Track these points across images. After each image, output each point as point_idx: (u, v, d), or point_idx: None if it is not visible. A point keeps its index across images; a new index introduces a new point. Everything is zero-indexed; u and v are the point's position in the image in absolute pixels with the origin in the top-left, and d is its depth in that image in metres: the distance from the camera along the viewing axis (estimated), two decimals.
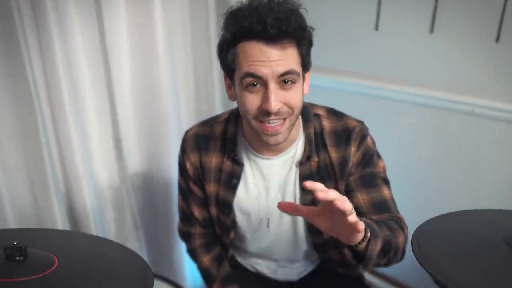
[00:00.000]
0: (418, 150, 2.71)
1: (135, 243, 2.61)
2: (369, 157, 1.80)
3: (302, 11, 1.55)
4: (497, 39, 2.25)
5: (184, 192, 1.99)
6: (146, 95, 2.47)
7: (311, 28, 1.57)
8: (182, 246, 2.83)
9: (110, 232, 2.52)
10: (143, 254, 2.67)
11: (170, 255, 2.85)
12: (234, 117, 1.85)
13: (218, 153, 1.86)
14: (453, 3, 2.37)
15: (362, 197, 1.79)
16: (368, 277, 3.00)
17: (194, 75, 2.70)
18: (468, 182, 2.55)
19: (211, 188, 1.90)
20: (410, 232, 1.49)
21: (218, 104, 2.78)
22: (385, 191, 1.82)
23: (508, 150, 2.36)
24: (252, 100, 1.55)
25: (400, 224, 1.76)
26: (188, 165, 1.89)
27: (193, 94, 2.74)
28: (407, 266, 1.82)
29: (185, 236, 2.08)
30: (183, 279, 2.91)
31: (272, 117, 1.54)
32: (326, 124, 1.80)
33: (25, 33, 1.93)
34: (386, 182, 1.86)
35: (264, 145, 1.75)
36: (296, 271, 2.09)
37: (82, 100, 2.25)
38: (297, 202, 1.82)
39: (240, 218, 1.92)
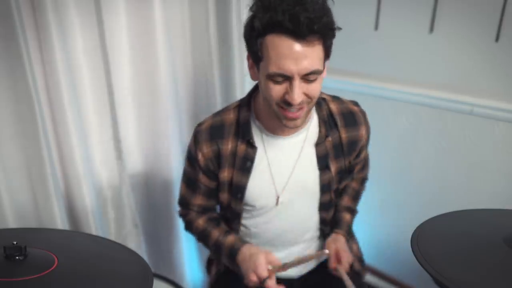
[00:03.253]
0: (417, 149, 2.71)
1: (135, 243, 2.61)
2: (369, 136, 2.04)
3: (329, 2, 1.62)
4: (497, 39, 2.25)
5: (190, 181, 2.04)
6: (146, 95, 2.47)
7: (338, 28, 1.63)
8: (182, 246, 2.84)
9: (110, 232, 2.52)
10: (143, 254, 2.66)
11: (170, 254, 2.85)
12: (246, 103, 1.92)
13: (232, 138, 1.91)
14: (453, 2, 2.36)
15: (357, 168, 2.13)
16: (367, 277, 3.00)
17: (194, 75, 2.70)
18: (467, 181, 2.55)
19: (225, 174, 1.94)
20: (410, 232, 1.49)
21: (219, 104, 2.78)
22: (365, 153, 2.13)
23: (508, 149, 2.36)
24: (276, 90, 1.64)
25: (363, 180, 2.25)
26: (200, 156, 1.92)
27: (193, 94, 2.74)
28: (407, 265, 1.83)
29: (184, 215, 2.15)
30: (183, 279, 2.91)
31: (293, 107, 1.64)
32: (333, 106, 1.95)
33: (25, 33, 1.93)
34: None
35: (279, 126, 1.83)
36: (296, 268, 2.11)
37: (82, 100, 2.25)
38: (316, 180, 1.96)
39: (251, 201, 1.97)
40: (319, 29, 1.52)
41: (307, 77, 1.60)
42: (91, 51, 2.22)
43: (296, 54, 1.54)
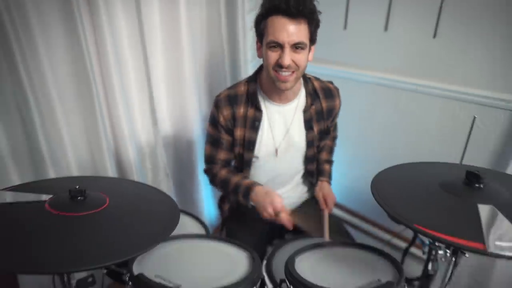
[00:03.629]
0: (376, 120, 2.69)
1: (166, 188, 2.62)
2: (340, 106, 2.11)
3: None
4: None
5: (214, 141, 2.05)
6: (174, 77, 2.47)
7: (319, 12, 1.75)
8: (202, 189, 2.86)
9: (147, 179, 2.52)
10: (172, 195, 2.67)
11: (192, 196, 2.88)
12: (253, 78, 1.99)
13: (244, 104, 1.96)
14: (457, 8, 2.19)
15: (332, 131, 2.20)
16: (339, 212, 3.02)
17: (209, 62, 2.70)
18: (414, 141, 2.54)
19: (238, 132, 1.99)
20: (370, 178, 1.50)
21: (228, 83, 2.77)
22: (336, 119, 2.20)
23: (443, 120, 2.34)
24: (273, 56, 1.76)
25: (334, 138, 2.30)
26: (221, 118, 1.96)
27: (209, 76, 2.73)
28: (368, 203, 1.83)
29: (209, 170, 2.13)
30: (202, 214, 2.95)
31: (284, 69, 1.76)
32: (316, 84, 2.04)
33: (85, 32, 1.93)
34: None
35: (277, 93, 1.93)
36: (290, 199, 2.18)
37: (127, 82, 2.24)
38: (303, 137, 2.03)
39: (258, 152, 2.01)
40: (304, 11, 1.66)
41: (295, 47, 1.72)
42: (134, 45, 2.21)
43: (287, 29, 1.68)
